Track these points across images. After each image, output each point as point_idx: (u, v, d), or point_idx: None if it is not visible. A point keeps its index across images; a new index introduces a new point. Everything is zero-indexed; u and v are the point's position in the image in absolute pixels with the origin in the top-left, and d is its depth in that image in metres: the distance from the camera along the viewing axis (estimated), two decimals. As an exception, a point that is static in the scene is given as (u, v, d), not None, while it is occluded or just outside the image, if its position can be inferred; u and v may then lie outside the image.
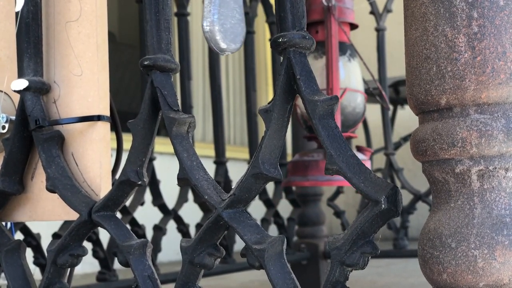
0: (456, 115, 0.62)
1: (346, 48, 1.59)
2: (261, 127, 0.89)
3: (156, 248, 1.75)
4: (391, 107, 3.15)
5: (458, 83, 0.61)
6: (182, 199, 1.82)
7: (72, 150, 0.91)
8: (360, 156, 1.52)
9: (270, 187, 1.54)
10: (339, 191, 2.33)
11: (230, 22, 0.67)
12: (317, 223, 2.04)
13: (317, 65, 1.56)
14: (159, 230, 1.76)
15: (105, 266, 1.60)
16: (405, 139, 3.28)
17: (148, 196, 1.77)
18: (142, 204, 1.73)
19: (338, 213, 2.27)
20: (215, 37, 0.67)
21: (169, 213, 1.79)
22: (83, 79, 0.91)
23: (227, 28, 0.67)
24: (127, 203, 1.61)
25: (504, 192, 0.61)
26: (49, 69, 0.93)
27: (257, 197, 0.78)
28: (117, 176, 0.86)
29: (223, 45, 0.67)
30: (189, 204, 1.82)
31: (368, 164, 1.54)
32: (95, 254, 1.60)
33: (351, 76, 1.58)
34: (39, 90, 0.90)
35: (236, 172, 1.63)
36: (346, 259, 0.69)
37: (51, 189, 0.88)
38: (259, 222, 0.82)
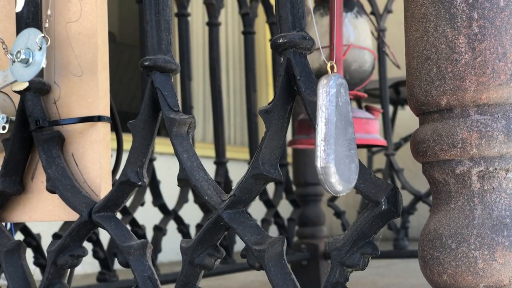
0: (457, 116, 0.62)
1: (353, 5, 1.54)
2: (261, 127, 0.89)
3: (156, 249, 1.75)
4: (391, 107, 3.15)
5: (459, 84, 0.61)
6: (182, 200, 1.82)
7: (72, 151, 0.91)
8: (368, 115, 1.49)
9: (270, 187, 1.54)
10: (339, 191, 2.32)
11: (345, 161, 0.63)
12: (317, 224, 2.04)
13: (323, 22, 1.53)
14: (159, 230, 1.76)
15: (105, 266, 1.60)
16: (405, 139, 3.29)
17: (148, 196, 1.77)
18: (142, 204, 1.73)
19: (338, 214, 2.27)
20: (330, 180, 0.62)
21: (170, 214, 1.79)
22: (83, 79, 0.91)
23: (342, 168, 0.62)
24: (128, 203, 1.61)
25: (504, 193, 0.61)
26: (49, 69, 0.93)
27: (257, 197, 0.78)
28: (117, 177, 0.86)
29: (338, 188, 0.63)
30: (190, 204, 1.82)
31: (375, 124, 1.50)
32: (95, 255, 1.60)
33: (358, 33, 1.53)
34: (39, 90, 0.90)
35: (237, 172, 1.63)
36: (346, 260, 0.69)
37: (51, 189, 0.88)
38: (259, 223, 0.82)
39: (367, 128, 1.48)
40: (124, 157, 0.92)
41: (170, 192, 1.94)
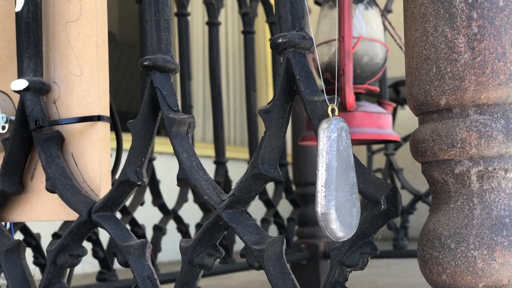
0: (456, 116, 0.62)
1: None
2: (261, 127, 0.89)
3: (156, 248, 1.75)
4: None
5: (458, 83, 0.61)
6: (182, 199, 1.82)
7: (72, 150, 0.91)
8: (380, 109, 1.45)
9: (270, 187, 1.54)
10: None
11: (346, 207, 0.63)
12: (317, 223, 2.04)
13: (332, 14, 1.49)
14: (159, 230, 1.76)
15: (105, 266, 1.60)
16: (405, 139, 3.29)
17: (148, 196, 1.77)
18: (142, 204, 1.73)
19: (338, 213, 2.26)
20: (330, 226, 0.62)
21: (169, 213, 1.79)
22: (83, 79, 0.91)
23: (343, 214, 0.62)
24: (127, 203, 1.62)
25: (503, 193, 0.61)
26: (49, 69, 0.93)
27: (257, 197, 0.78)
28: (117, 176, 0.86)
29: (339, 234, 0.62)
30: (189, 204, 1.82)
31: (388, 118, 1.46)
32: (95, 254, 1.60)
33: (368, 25, 1.48)
34: (39, 90, 0.90)
35: (236, 172, 1.63)
36: (346, 260, 0.69)
37: (50, 189, 0.88)
38: (259, 222, 0.82)
39: (379, 122, 1.44)
40: (124, 156, 0.92)
41: (169, 191, 1.94)
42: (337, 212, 0.62)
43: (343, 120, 0.65)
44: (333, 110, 0.67)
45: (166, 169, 2.35)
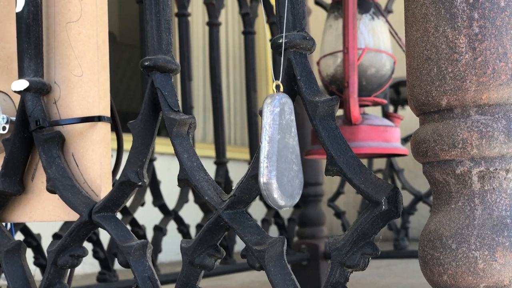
0: (457, 116, 0.62)
1: (369, 6, 1.46)
2: (262, 127, 0.88)
3: (157, 249, 1.75)
4: (391, 108, 3.15)
5: (459, 84, 0.61)
6: (182, 200, 1.82)
7: (73, 151, 0.91)
8: (387, 122, 1.43)
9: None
10: (339, 192, 2.33)
11: (287, 177, 0.66)
12: (317, 224, 2.04)
13: (337, 25, 1.46)
14: (160, 230, 1.76)
15: (105, 266, 1.60)
16: (405, 139, 3.28)
17: (148, 196, 1.77)
18: (142, 204, 1.73)
19: (339, 214, 2.27)
20: (272, 195, 0.65)
21: (170, 214, 1.79)
22: (84, 79, 0.91)
23: (285, 184, 0.66)
24: (128, 203, 1.61)
25: (504, 193, 0.61)
26: (49, 69, 0.93)
27: (257, 197, 0.78)
28: (117, 177, 0.86)
29: (281, 203, 0.66)
30: (190, 204, 1.82)
31: (395, 131, 1.43)
32: (96, 255, 1.60)
33: (375, 36, 1.45)
34: (40, 90, 0.90)
35: (237, 172, 1.63)
36: (347, 260, 0.69)
37: (51, 189, 0.88)
38: (259, 223, 0.81)
39: (385, 136, 1.40)
40: (125, 157, 0.92)
41: (170, 192, 1.94)
42: (278, 182, 0.65)
43: (287, 96, 0.68)
44: (277, 87, 0.70)
45: (166, 169, 2.35)
